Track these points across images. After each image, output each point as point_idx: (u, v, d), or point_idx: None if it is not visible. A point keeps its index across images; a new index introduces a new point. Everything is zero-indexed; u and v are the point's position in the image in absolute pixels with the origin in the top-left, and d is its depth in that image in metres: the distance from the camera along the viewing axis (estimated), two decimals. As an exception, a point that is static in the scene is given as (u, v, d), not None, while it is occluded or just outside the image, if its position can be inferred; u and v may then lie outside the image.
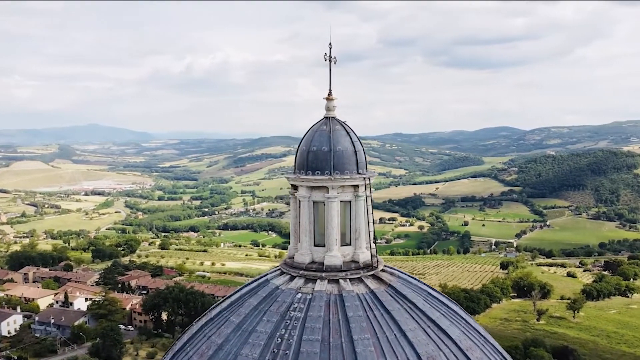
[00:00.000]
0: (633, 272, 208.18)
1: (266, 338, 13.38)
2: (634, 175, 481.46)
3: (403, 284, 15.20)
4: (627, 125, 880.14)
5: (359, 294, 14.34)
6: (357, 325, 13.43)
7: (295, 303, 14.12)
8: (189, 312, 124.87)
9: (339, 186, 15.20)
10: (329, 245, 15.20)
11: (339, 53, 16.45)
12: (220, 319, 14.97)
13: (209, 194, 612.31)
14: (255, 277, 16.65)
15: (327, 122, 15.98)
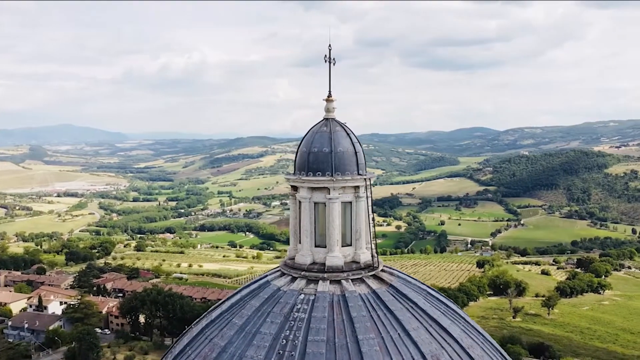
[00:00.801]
0: (604, 270, 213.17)
1: (271, 339, 13.38)
2: (604, 174, 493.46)
3: (403, 284, 15.35)
4: (598, 126, 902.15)
5: (361, 294, 14.44)
6: (361, 325, 13.53)
7: (299, 304, 14.15)
8: (167, 315, 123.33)
9: (340, 187, 15.26)
10: (331, 246, 15.25)
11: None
12: (221, 321, 14.88)
13: (185, 194, 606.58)
14: (255, 279, 16.59)
15: (327, 124, 16.03)
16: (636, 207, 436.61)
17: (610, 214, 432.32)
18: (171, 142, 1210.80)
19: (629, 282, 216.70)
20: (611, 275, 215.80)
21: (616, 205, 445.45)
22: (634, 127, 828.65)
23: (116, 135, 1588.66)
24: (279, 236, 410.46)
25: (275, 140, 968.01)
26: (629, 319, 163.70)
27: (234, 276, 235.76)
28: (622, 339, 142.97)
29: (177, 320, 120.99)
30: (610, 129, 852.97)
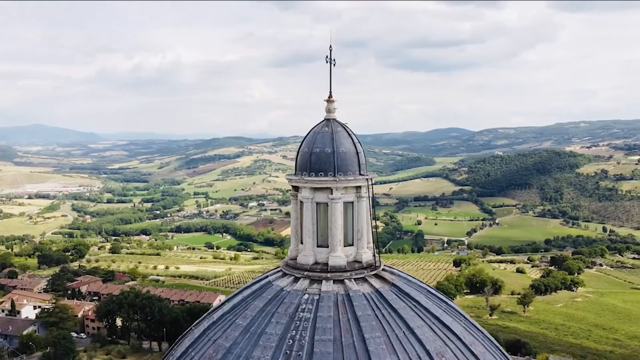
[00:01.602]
0: (577, 267, 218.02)
1: (277, 340, 13.38)
2: (575, 174, 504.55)
3: (405, 283, 15.51)
4: (569, 127, 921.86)
5: (365, 294, 14.54)
6: (367, 324, 13.62)
7: (303, 304, 14.17)
8: (145, 318, 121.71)
9: (342, 187, 15.34)
10: (333, 246, 15.31)
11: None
12: (224, 322, 14.81)
13: (161, 196, 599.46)
14: (255, 279, 16.55)
15: (328, 124, 16.10)
16: (606, 206, 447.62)
17: (582, 212, 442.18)
18: (146, 142, 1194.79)
19: (600, 280, 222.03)
20: (583, 272, 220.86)
21: (587, 204, 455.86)
22: (604, 127, 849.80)
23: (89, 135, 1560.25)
24: (256, 237, 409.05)
25: (252, 140, 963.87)
26: (601, 315, 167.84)
27: (212, 278, 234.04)
28: (595, 335, 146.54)
29: (156, 323, 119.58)
30: (581, 130, 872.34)
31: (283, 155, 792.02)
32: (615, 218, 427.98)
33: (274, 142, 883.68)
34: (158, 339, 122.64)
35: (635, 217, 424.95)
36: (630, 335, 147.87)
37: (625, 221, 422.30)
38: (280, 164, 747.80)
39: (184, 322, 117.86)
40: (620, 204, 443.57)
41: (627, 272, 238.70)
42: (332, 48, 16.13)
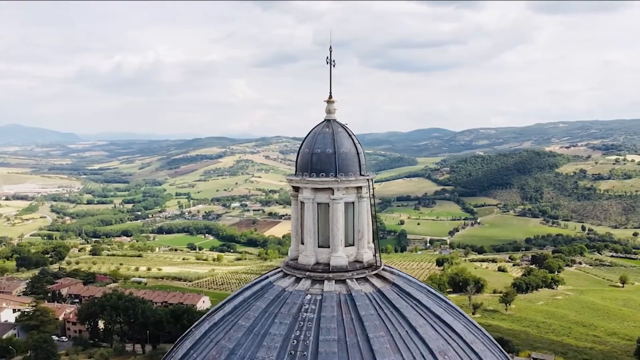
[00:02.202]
0: (557, 266, 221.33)
1: (281, 340, 13.39)
2: (555, 174, 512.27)
3: (405, 282, 15.64)
4: (548, 127, 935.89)
5: (367, 293, 14.63)
6: (370, 323, 13.71)
7: (306, 304, 14.20)
8: (128, 320, 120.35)
9: (344, 188, 15.39)
10: (335, 246, 15.36)
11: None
12: (226, 324, 14.76)
13: (142, 196, 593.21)
14: (255, 280, 16.53)
15: (329, 125, 16.14)
16: (585, 205, 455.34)
17: (561, 211, 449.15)
18: (126, 142, 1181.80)
19: (580, 277, 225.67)
20: (563, 271, 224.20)
21: (566, 204, 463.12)
22: (582, 128, 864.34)
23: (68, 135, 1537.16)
24: (239, 238, 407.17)
25: (234, 140, 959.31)
26: (581, 312, 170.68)
27: (195, 279, 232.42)
28: (575, 332, 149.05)
29: (139, 326, 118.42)
30: (560, 130, 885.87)
31: (265, 156, 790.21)
32: (593, 217, 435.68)
33: (257, 142, 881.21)
34: (141, 341, 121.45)
35: (612, 216, 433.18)
36: (609, 332, 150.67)
37: (604, 220, 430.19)
38: (263, 164, 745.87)
39: (168, 324, 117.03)
40: (599, 203, 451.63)
41: (606, 270, 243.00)
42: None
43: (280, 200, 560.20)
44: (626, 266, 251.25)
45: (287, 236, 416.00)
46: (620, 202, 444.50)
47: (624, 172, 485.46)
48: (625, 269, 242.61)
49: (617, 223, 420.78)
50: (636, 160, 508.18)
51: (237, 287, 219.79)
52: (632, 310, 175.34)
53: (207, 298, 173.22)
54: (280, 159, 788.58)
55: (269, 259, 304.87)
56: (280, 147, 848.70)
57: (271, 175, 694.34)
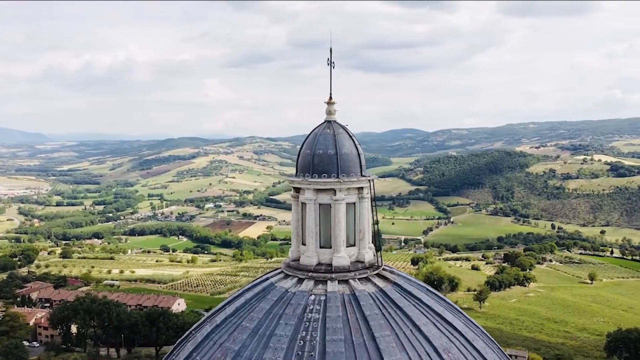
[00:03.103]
0: (529, 263, 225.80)
1: (287, 341, 13.40)
2: (525, 173, 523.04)
3: (406, 281, 15.80)
4: (519, 128, 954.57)
5: (370, 293, 14.74)
6: (375, 323, 13.82)
7: (310, 305, 14.24)
8: (102, 324, 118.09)
9: (346, 188, 15.48)
10: (337, 247, 15.42)
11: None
12: (229, 325, 14.68)
13: (113, 198, 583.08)
14: (255, 282, 16.47)
15: (329, 126, 16.21)
16: (554, 203, 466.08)
17: (532, 210, 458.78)
18: (96, 143, 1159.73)
19: (550, 275, 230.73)
20: (535, 268, 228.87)
21: (537, 202, 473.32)
22: (551, 128, 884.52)
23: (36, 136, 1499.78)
24: (213, 239, 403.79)
25: (208, 141, 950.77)
26: (552, 309, 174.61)
27: (169, 281, 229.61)
28: (547, 328, 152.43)
29: (114, 329, 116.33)
30: (530, 131, 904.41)
31: (240, 156, 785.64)
32: (562, 215, 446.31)
33: (230, 143, 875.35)
34: (116, 345, 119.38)
35: (581, 214, 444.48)
36: (580, 328, 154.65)
37: (572, 218, 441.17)
38: (237, 164, 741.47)
39: (143, 328, 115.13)
40: (567, 201, 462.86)
41: (575, 267, 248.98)
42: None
43: (255, 201, 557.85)
44: (594, 263, 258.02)
45: (261, 237, 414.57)
46: (588, 200, 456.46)
47: (592, 171, 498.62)
48: (593, 265, 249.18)
49: (585, 221, 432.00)
50: (603, 160, 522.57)
51: (213, 288, 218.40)
52: (601, 306, 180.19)
53: (183, 300, 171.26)
54: (255, 159, 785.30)
55: (244, 260, 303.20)
56: (254, 147, 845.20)
57: (245, 176, 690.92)
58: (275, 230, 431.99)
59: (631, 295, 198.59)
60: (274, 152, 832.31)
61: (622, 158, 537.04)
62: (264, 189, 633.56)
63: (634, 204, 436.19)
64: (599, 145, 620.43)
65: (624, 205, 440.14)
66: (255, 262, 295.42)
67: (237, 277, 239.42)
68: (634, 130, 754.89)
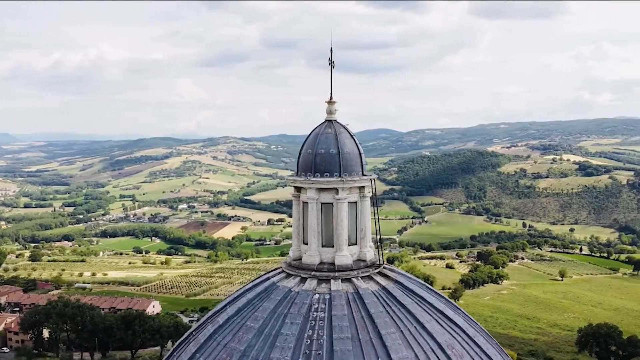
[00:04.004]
0: (502, 261, 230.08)
1: (294, 340, 13.39)
2: (497, 173, 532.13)
3: (406, 279, 15.95)
4: (491, 128, 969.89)
5: (373, 291, 14.84)
6: (381, 320, 13.92)
7: (315, 304, 14.26)
8: (75, 328, 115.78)
9: (348, 188, 15.55)
10: (339, 246, 15.48)
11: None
12: (233, 326, 14.58)
13: (84, 199, 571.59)
14: (255, 281, 16.39)
15: (331, 125, 16.26)
16: (525, 202, 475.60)
17: (504, 209, 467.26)
18: (66, 143, 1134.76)
19: (522, 272, 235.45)
20: (507, 266, 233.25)
21: (508, 202, 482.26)
22: (521, 129, 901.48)
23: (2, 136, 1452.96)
24: (187, 240, 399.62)
25: (180, 141, 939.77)
26: (524, 305, 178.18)
27: (143, 283, 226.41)
28: (520, 325, 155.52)
29: (88, 333, 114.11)
30: (501, 131, 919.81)
31: (213, 156, 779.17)
32: (533, 214, 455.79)
33: (204, 143, 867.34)
34: (90, 349, 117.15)
35: (551, 212, 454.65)
36: (552, 324, 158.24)
37: (542, 217, 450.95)
38: (211, 165, 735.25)
39: (118, 331, 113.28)
40: (538, 200, 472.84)
41: (546, 264, 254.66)
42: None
43: (229, 202, 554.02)
44: (564, 260, 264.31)
45: (236, 237, 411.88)
46: (558, 199, 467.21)
47: (561, 171, 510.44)
48: (563, 263, 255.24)
49: (555, 219, 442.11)
50: (572, 159, 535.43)
51: (188, 290, 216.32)
52: (571, 302, 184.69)
53: (158, 303, 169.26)
54: (229, 159, 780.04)
55: (219, 261, 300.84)
56: (228, 147, 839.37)
57: (219, 176, 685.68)
58: (250, 230, 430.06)
59: (600, 291, 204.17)
60: (248, 152, 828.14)
61: (590, 158, 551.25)
62: (239, 189, 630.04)
63: (601, 202, 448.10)
64: (568, 145, 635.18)
65: (591, 204, 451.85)
66: (230, 263, 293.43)
67: (213, 279, 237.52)
68: (601, 130, 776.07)
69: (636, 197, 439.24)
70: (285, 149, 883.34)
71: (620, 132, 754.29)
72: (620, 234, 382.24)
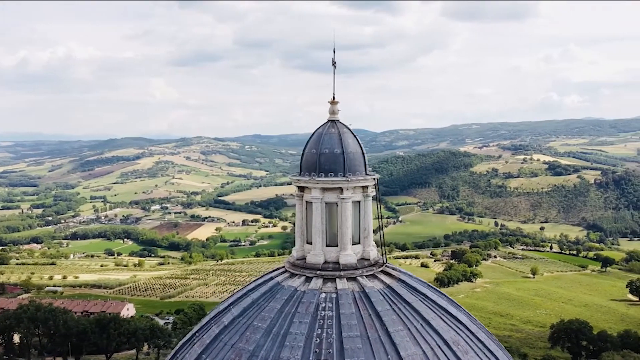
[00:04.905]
0: (475, 260, 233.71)
1: (304, 339, 13.44)
2: (470, 173, 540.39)
3: (409, 278, 16.17)
4: (463, 128, 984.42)
5: (378, 290, 14.99)
6: (388, 318, 14.08)
7: (322, 303, 14.34)
8: (48, 332, 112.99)
9: (352, 187, 15.66)
10: (344, 245, 15.60)
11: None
12: (239, 326, 14.53)
13: (53, 201, 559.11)
14: (258, 281, 16.35)
15: (334, 125, 16.37)
16: (497, 202, 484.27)
17: (476, 208, 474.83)
18: (34, 144, 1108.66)
19: (496, 270, 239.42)
20: (481, 264, 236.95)
21: (481, 201, 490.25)
22: (492, 129, 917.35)
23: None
24: (160, 242, 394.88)
25: (153, 141, 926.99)
26: (498, 303, 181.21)
27: (116, 286, 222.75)
28: (495, 322, 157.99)
29: (61, 337, 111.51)
30: (473, 131, 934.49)
31: (186, 157, 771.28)
32: (505, 213, 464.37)
33: (177, 143, 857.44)
34: (63, 354, 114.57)
35: (521, 211, 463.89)
36: (525, 320, 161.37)
37: (514, 215, 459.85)
38: (184, 165, 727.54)
39: (93, 335, 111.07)
40: (509, 199, 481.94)
41: (518, 262, 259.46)
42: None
43: (203, 202, 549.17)
44: (536, 258, 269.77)
45: (211, 238, 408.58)
46: (528, 198, 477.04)
47: (531, 170, 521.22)
48: (535, 260, 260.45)
49: (525, 218, 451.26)
50: (541, 159, 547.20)
51: (162, 292, 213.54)
52: (543, 299, 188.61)
53: (132, 305, 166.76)
54: (202, 160, 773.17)
55: (193, 263, 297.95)
56: (201, 147, 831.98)
57: (193, 177, 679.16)
58: (225, 231, 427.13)
59: (570, 288, 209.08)
60: (222, 153, 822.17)
61: (559, 157, 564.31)
62: (212, 190, 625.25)
63: (570, 201, 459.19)
64: (538, 145, 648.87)
65: (561, 203, 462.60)
66: (205, 265, 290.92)
67: (188, 280, 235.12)
68: (569, 131, 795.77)
69: (603, 196, 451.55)
70: (259, 149, 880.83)
71: (587, 133, 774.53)
72: (588, 232, 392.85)
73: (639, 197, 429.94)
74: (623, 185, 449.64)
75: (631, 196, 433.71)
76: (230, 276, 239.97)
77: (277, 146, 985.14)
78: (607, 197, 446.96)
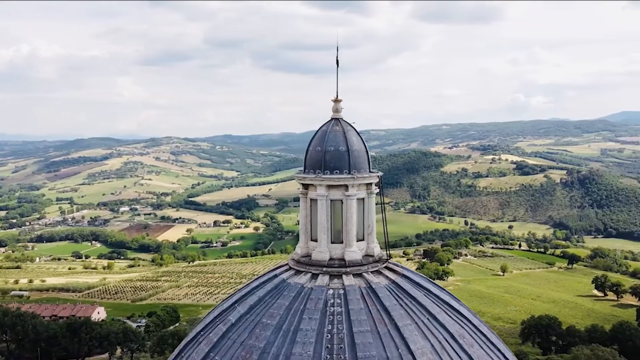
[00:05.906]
0: (447, 258, 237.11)
1: (315, 335, 13.52)
2: (440, 173, 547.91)
3: (411, 274, 16.42)
4: (433, 129, 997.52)
5: (384, 285, 15.17)
6: (396, 313, 14.28)
7: (331, 299, 14.44)
8: (16, 338, 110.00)
9: (357, 184, 15.80)
10: (349, 242, 15.73)
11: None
12: (247, 323, 14.49)
13: (17, 202, 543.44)
14: (263, 279, 16.32)
15: (338, 123, 16.48)
16: (467, 201, 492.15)
17: (447, 208, 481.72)
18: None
19: (466, 268, 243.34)
20: (452, 263, 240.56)
21: (451, 200, 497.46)
22: (462, 130, 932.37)
23: None
24: (130, 244, 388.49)
25: (121, 141, 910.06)
26: (469, 300, 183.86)
27: (85, 289, 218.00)
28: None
29: (29, 343, 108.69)
30: (443, 132, 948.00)
31: (156, 157, 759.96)
32: (474, 212, 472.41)
33: (146, 143, 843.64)
34: (32, 359, 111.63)
35: (491, 210, 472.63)
36: (496, 317, 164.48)
37: (483, 214, 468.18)
38: (153, 166, 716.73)
39: (64, 339, 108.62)
40: (479, 199, 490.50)
41: (488, 260, 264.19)
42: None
43: (173, 203, 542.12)
44: (505, 256, 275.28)
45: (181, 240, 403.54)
46: (497, 198, 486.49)
47: (500, 170, 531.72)
48: (504, 258, 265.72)
49: (494, 217, 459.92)
50: (509, 159, 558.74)
51: (134, 295, 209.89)
52: (513, 296, 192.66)
53: (103, 309, 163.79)
54: (172, 160, 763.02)
55: (164, 265, 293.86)
56: (171, 148, 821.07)
57: (162, 177, 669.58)
58: (196, 233, 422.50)
59: (538, 284, 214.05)
60: (192, 153, 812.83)
61: (526, 157, 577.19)
62: (183, 190, 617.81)
63: (537, 200, 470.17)
64: (506, 145, 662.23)
65: (528, 202, 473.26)
66: (176, 266, 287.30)
67: (159, 282, 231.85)
68: (536, 131, 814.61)
69: (569, 195, 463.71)
70: (230, 150, 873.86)
71: (553, 133, 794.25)
72: (555, 230, 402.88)
73: (602, 195, 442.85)
74: (587, 184, 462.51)
75: (595, 195, 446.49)
76: (203, 278, 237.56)
77: (249, 146, 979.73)
78: (573, 196, 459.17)
